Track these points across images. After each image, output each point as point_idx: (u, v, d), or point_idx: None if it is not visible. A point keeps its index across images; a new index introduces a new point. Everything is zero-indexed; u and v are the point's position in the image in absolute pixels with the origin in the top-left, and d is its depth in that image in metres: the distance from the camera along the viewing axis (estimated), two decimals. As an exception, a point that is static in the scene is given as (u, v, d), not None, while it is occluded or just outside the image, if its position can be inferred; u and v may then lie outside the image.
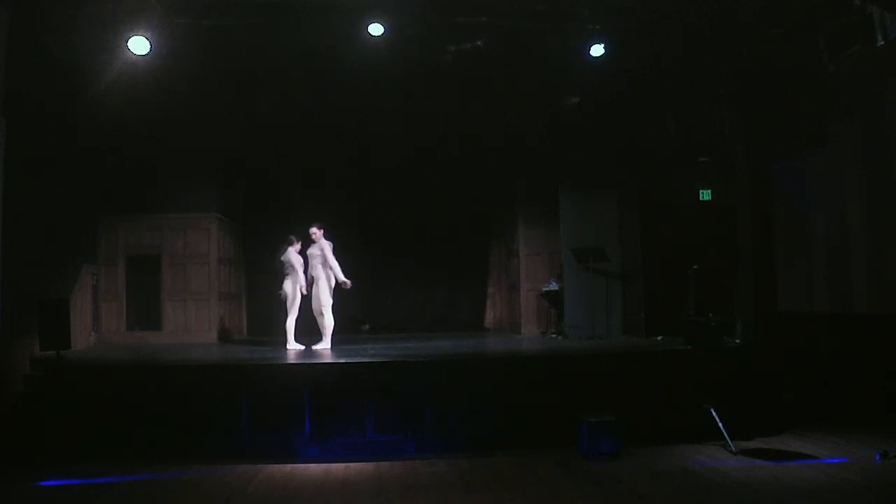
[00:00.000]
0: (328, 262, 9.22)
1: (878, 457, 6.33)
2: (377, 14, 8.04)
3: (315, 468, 6.57)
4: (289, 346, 9.23)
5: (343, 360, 7.98)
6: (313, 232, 9.37)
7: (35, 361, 7.74)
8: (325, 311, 9.27)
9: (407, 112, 10.60)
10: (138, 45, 7.88)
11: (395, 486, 5.94)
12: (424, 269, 13.09)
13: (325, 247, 9.28)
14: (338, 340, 9.51)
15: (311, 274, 9.33)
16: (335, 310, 9.38)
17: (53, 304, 7.38)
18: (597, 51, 8.76)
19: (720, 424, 6.96)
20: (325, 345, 9.24)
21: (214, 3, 7.86)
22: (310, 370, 7.64)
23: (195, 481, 6.15)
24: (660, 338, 9.68)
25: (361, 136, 11.60)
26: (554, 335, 10.92)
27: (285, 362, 8.13)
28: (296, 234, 9.52)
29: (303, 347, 9.19)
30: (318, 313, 9.42)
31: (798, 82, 8.66)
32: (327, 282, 9.25)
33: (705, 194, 10.68)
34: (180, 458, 6.67)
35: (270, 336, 10.77)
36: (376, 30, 8.13)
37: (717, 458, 6.63)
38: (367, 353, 8.62)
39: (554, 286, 11.03)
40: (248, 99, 9.98)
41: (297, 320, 9.42)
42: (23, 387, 7.56)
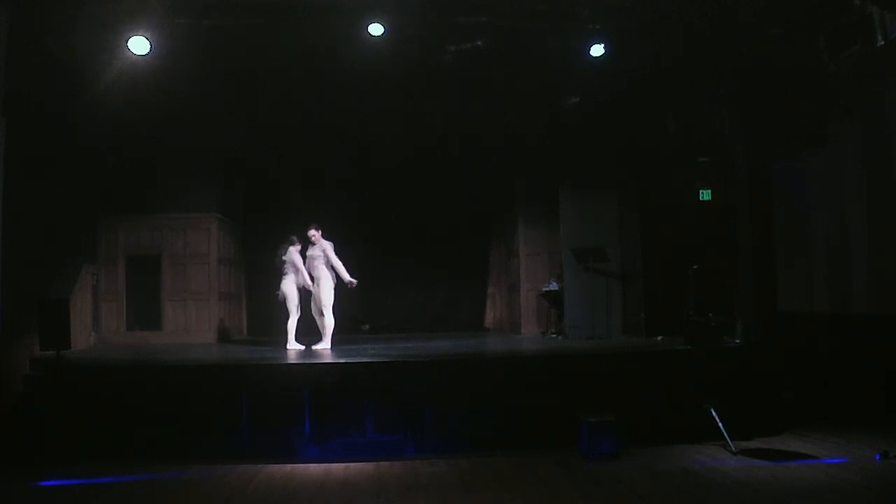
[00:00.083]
0: (332, 263, 9.22)
1: (878, 457, 6.33)
2: (377, 14, 8.04)
3: (315, 468, 6.57)
4: (289, 346, 9.23)
5: (343, 360, 7.97)
6: (312, 234, 9.37)
7: (35, 361, 7.74)
8: (326, 312, 9.27)
9: (407, 112, 10.59)
10: (138, 45, 7.88)
11: (395, 486, 5.94)
12: (424, 269, 13.10)
13: (327, 247, 9.28)
14: (338, 340, 9.51)
15: (313, 275, 9.33)
16: (335, 310, 9.38)
17: (53, 304, 7.38)
18: (597, 51, 8.76)
19: (720, 424, 6.95)
20: (325, 345, 9.24)
21: (214, 3, 7.86)
22: (310, 370, 7.64)
23: (195, 481, 6.15)
24: (660, 338, 9.68)
25: (361, 136, 11.60)
26: (554, 335, 10.92)
27: (285, 362, 8.13)
28: (296, 234, 9.52)
29: (303, 347, 9.19)
30: (318, 313, 9.44)
31: (798, 82, 8.66)
32: (329, 282, 9.26)
33: (705, 194, 10.68)
34: (180, 458, 6.67)
35: (270, 336, 10.78)
36: (376, 30, 8.13)
37: (717, 458, 6.63)
38: (367, 353, 8.62)
39: (554, 286, 11.04)
40: (248, 99, 9.98)
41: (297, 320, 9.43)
42: (23, 387, 7.56)
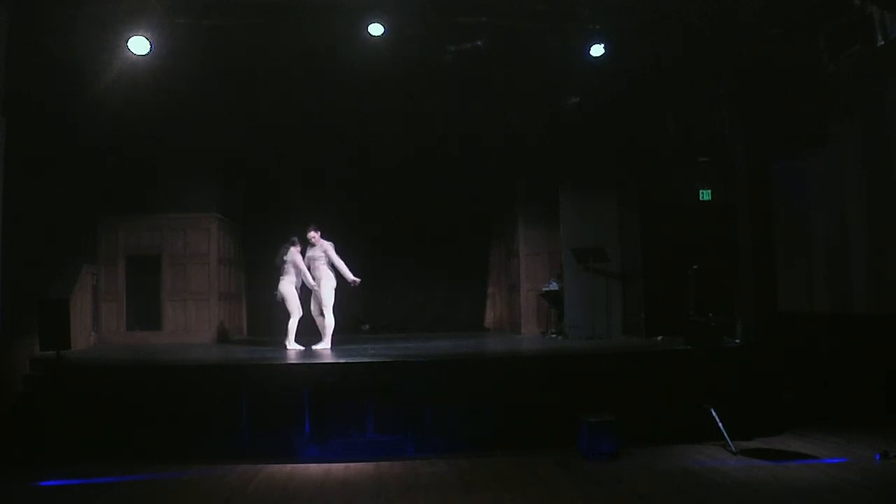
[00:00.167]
0: (334, 262, 9.23)
1: (878, 457, 6.34)
2: (377, 14, 8.04)
3: (315, 468, 6.57)
4: (289, 346, 9.23)
5: (343, 360, 7.97)
6: (311, 235, 9.37)
7: (35, 361, 7.74)
8: (327, 312, 9.27)
9: (407, 112, 10.59)
10: (138, 45, 7.88)
11: (395, 486, 5.94)
12: (424, 269, 13.09)
13: (328, 247, 9.28)
14: (338, 340, 9.51)
15: (314, 275, 9.33)
16: (336, 310, 9.38)
17: (53, 304, 7.38)
18: (597, 51, 8.76)
19: (720, 424, 6.96)
20: (325, 345, 9.25)
21: (214, 3, 7.86)
22: (310, 370, 7.63)
23: (195, 481, 6.16)
24: (660, 338, 9.68)
25: (361, 136, 11.59)
26: (554, 335, 10.92)
27: (285, 362, 8.12)
28: (296, 234, 9.52)
29: (303, 347, 9.19)
30: (317, 314, 9.44)
31: (798, 82, 8.66)
32: (330, 282, 9.26)
33: (705, 194, 10.68)
34: (180, 458, 6.67)
35: (270, 336, 10.77)
36: (376, 30, 8.13)
37: (717, 458, 6.63)
38: (367, 353, 8.62)
39: (554, 286, 11.03)
40: (248, 99, 9.98)
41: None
42: (23, 387, 7.56)
